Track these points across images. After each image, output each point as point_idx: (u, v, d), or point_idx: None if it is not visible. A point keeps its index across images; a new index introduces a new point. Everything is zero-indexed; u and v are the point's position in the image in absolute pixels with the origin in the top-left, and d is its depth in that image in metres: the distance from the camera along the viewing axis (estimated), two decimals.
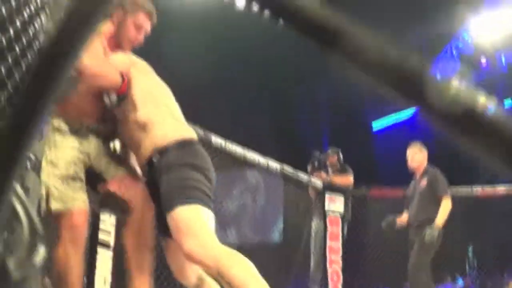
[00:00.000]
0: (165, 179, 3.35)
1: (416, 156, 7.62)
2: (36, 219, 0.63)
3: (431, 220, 7.21)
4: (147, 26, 3.67)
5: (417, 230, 7.39)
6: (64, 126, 3.41)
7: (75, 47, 0.55)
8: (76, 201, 3.32)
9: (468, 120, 0.57)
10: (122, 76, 3.42)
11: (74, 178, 3.36)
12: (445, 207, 7.27)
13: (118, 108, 3.53)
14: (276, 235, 13.05)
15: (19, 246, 0.60)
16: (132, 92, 3.48)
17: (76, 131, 3.45)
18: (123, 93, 3.44)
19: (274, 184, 9.26)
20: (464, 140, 0.60)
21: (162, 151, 3.42)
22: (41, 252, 0.61)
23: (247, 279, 3.07)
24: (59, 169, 3.32)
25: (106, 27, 3.58)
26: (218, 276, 3.10)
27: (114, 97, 3.47)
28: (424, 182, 7.47)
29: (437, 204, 7.28)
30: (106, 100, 3.49)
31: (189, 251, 3.14)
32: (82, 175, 3.44)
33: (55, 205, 3.27)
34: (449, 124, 0.59)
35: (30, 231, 0.61)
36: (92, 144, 3.53)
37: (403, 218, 7.79)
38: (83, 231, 3.44)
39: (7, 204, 0.56)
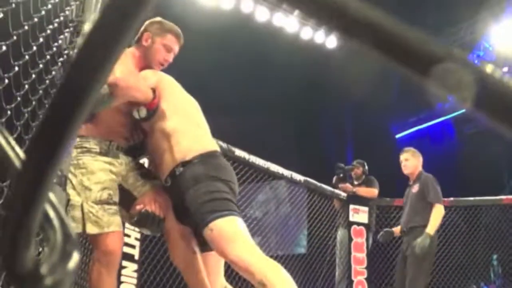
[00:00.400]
0: (192, 192, 3.31)
1: (409, 162, 7.34)
2: (69, 225, 0.62)
3: (422, 227, 6.95)
4: (175, 47, 3.74)
5: (409, 237, 7.13)
6: (95, 147, 3.42)
7: (106, 59, 0.54)
8: (111, 225, 3.33)
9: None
10: (153, 90, 3.46)
11: (108, 202, 3.36)
12: (436, 214, 6.98)
13: (146, 122, 3.54)
14: (301, 246, 13.09)
15: (52, 251, 0.59)
16: (160, 104, 3.49)
17: (107, 151, 3.47)
18: (154, 107, 3.45)
19: (298, 196, 9.29)
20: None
21: (186, 163, 3.39)
22: (74, 257, 0.59)
23: None
24: (93, 193, 3.31)
25: (135, 49, 3.67)
26: (259, 285, 3.07)
27: (143, 111, 3.45)
28: (416, 188, 7.25)
29: (429, 211, 7.01)
30: (135, 115, 3.48)
31: (237, 258, 3.15)
32: (116, 198, 3.44)
33: (92, 229, 3.28)
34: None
35: (63, 236, 0.60)
36: (122, 164, 3.55)
37: (398, 228, 7.61)
38: (119, 254, 3.49)
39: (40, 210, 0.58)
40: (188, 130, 3.53)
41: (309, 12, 0.58)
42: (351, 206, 8.70)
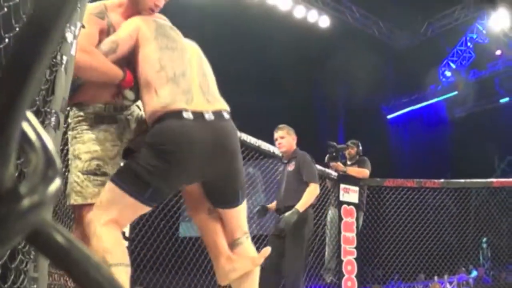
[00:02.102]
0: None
1: (284, 139, 7.06)
2: (54, 153, 0.61)
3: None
4: None
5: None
6: (89, 114, 3.31)
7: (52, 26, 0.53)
8: (96, 196, 3.17)
9: None
10: (123, 69, 3.24)
11: (95, 173, 3.23)
12: (310, 193, 6.74)
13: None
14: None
15: (33, 172, 0.58)
16: (138, 56, 3.27)
17: (102, 117, 3.32)
18: (131, 85, 3.27)
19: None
20: None
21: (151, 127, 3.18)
22: (56, 182, 0.57)
23: None
24: (81, 163, 3.22)
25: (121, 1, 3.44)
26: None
27: (129, 93, 3.29)
28: (292, 167, 6.97)
29: (305, 190, 6.77)
30: (126, 102, 3.35)
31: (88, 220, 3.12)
32: (106, 168, 3.27)
33: (75, 200, 3.19)
34: None
35: (45, 160, 0.59)
36: (120, 127, 3.39)
37: (273, 204, 7.41)
38: None
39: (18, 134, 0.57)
40: (155, 86, 3.17)
41: None
42: (342, 186, 8.67)
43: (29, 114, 0.62)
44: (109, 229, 3.03)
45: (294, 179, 6.88)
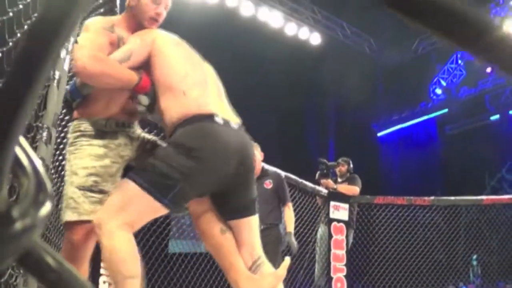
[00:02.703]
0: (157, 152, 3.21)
1: (257, 157, 7.15)
2: (45, 177, 0.61)
3: (275, 226, 6.95)
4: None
5: (265, 233, 7.02)
6: (89, 129, 3.24)
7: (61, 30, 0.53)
8: (92, 213, 3.08)
9: None
10: (139, 74, 3.23)
11: (91, 189, 3.15)
12: (291, 214, 7.10)
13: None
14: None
15: (25, 196, 0.59)
16: (155, 63, 3.25)
17: (103, 133, 3.27)
18: (148, 88, 3.23)
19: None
20: None
21: (177, 127, 3.14)
22: (47, 206, 0.59)
23: None
24: (78, 179, 3.14)
25: (125, 13, 3.46)
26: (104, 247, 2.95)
27: (143, 98, 3.26)
28: (269, 185, 7.09)
29: (280, 209, 7.07)
30: (140, 108, 3.30)
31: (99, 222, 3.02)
32: (105, 186, 3.20)
33: (70, 216, 3.11)
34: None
35: (36, 184, 0.60)
36: (121, 145, 3.34)
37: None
38: (91, 242, 3.22)
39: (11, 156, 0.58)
40: (183, 89, 3.19)
41: None
42: (332, 203, 8.68)
43: (21, 138, 0.63)
44: (125, 235, 2.93)
45: (272, 197, 7.03)
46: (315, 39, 16.09)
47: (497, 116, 18.06)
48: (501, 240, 10.51)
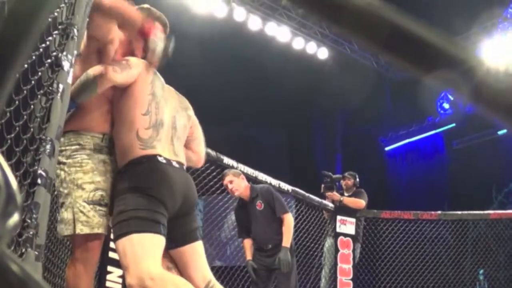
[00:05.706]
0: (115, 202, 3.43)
1: (234, 183, 6.82)
2: (16, 190, 0.63)
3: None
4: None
5: (274, 250, 6.93)
6: (88, 143, 3.33)
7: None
8: (101, 226, 3.26)
9: None
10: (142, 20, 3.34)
11: (100, 203, 3.28)
12: (288, 226, 6.87)
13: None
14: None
15: None
16: (126, 91, 3.44)
17: (100, 148, 3.39)
18: (147, 37, 3.31)
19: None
20: None
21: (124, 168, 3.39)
22: (15, 217, 0.60)
23: None
24: (86, 193, 3.25)
25: (121, 34, 3.53)
26: None
27: (152, 41, 3.36)
28: (260, 206, 6.97)
29: (281, 223, 6.90)
30: (147, 54, 3.42)
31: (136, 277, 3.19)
32: (108, 200, 3.34)
33: (82, 230, 3.20)
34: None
35: (6, 196, 0.61)
36: (116, 161, 3.45)
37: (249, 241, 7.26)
38: (97, 252, 3.39)
39: None
40: (137, 127, 3.38)
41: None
42: (338, 217, 8.70)
43: None
44: (166, 275, 3.20)
45: (268, 216, 6.93)
46: (322, 53, 16.12)
47: (504, 131, 18.00)
48: (508, 254, 10.48)
